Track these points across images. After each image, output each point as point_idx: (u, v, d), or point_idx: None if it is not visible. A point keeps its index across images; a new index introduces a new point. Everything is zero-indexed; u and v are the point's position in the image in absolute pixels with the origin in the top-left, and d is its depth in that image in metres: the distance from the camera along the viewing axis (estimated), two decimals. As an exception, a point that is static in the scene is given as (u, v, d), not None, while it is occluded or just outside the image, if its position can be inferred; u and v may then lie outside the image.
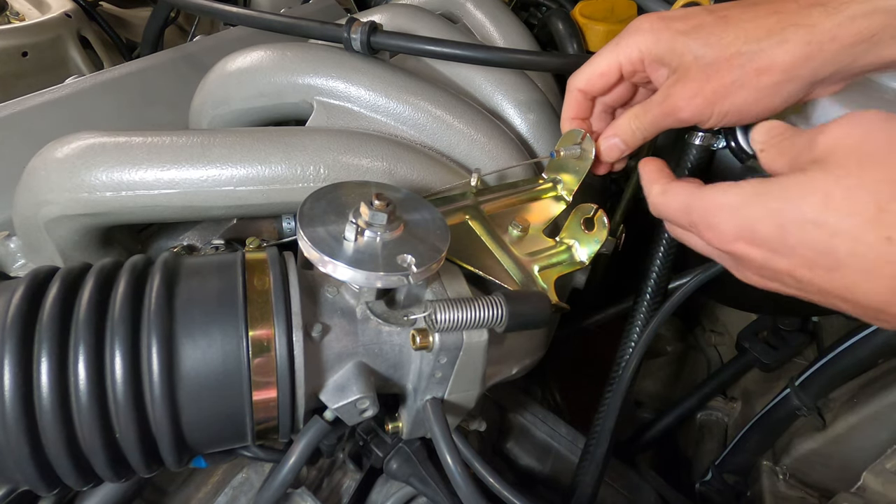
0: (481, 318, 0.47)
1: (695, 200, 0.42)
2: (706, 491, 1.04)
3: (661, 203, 0.47)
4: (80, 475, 0.43)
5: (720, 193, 0.40)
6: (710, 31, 0.48)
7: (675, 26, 0.50)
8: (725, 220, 0.39)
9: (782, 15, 0.45)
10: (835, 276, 0.34)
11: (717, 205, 0.40)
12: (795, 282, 0.38)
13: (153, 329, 0.43)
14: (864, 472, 0.80)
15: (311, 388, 0.49)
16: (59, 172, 0.58)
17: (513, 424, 0.87)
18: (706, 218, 0.41)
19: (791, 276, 0.37)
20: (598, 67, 0.56)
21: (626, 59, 0.54)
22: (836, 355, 0.85)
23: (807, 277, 0.36)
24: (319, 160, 0.61)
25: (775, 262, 0.37)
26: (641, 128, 0.55)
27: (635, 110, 0.56)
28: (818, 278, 0.35)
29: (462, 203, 0.63)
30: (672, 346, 1.42)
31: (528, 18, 1.15)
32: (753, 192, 0.37)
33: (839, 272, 0.34)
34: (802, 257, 0.35)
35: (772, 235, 0.36)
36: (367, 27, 0.68)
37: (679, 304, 0.75)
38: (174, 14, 1.47)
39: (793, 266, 0.36)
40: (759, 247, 0.37)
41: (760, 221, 0.37)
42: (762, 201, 0.37)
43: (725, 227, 0.39)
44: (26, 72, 1.29)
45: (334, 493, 0.67)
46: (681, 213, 0.44)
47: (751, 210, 0.37)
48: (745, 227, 0.38)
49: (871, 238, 0.32)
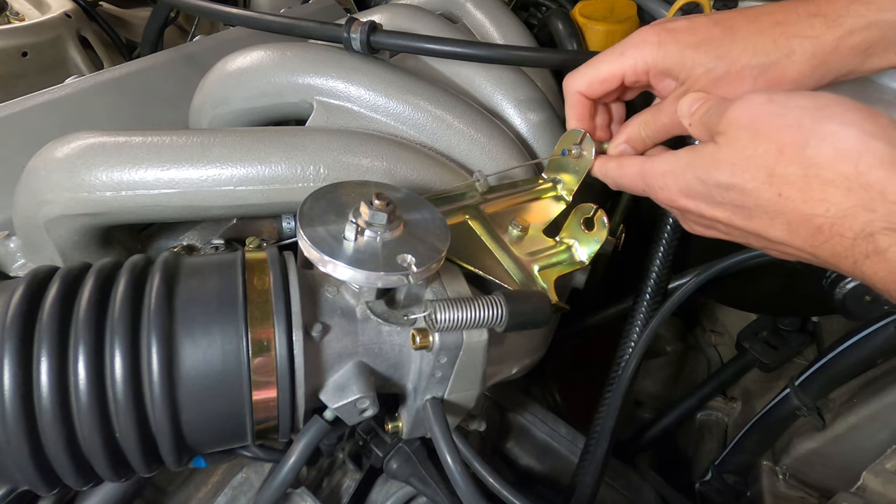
0: (481, 317, 0.47)
1: (646, 169, 0.52)
2: (706, 491, 1.04)
3: (619, 175, 0.56)
4: (80, 475, 0.43)
5: (664, 162, 0.50)
6: (718, 43, 0.51)
7: (683, 39, 0.52)
8: (671, 182, 0.49)
9: (786, 26, 0.49)
10: (749, 223, 0.45)
11: (663, 171, 0.50)
12: (725, 227, 0.48)
13: (153, 329, 0.43)
14: (864, 471, 0.80)
15: (311, 387, 0.49)
16: (59, 172, 0.58)
17: (513, 424, 0.87)
18: (657, 181, 0.50)
19: (721, 222, 0.47)
20: (600, 73, 0.57)
21: (631, 69, 0.55)
22: (836, 355, 0.85)
23: (732, 222, 0.46)
24: (319, 160, 0.61)
25: (709, 213, 0.47)
26: (651, 135, 0.57)
27: (645, 117, 0.57)
28: (741, 223, 0.45)
29: (462, 203, 0.63)
30: (672, 346, 1.42)
31: (528, 18, 1.15)
32: (686, 162, 0.47)
33: (753, 219, 0.44)
34: (726, 209, 0.46)
35: (703, 194, 0.47)
36: (366, 27, 0.68)
37: (679, 304, 0.75)
38: (174, 14, 1.47)
39: (721, 215, 0.46)
40: (697, 201, 0.48)
41: (693, 184, 0.47)
42: (692, 170, 0.47)
43: (672, 188, 0.49)
44: (26, 72, 1.29)
45: (334, 492, 0.67)
46: (637, 180, 0.53)
47: (686, 175, 0.47)
48: (684, 187, 0.48)
49: (768, 195, 0.42)
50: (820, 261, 0.43)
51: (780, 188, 0.41)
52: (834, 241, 0.40)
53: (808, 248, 0.42)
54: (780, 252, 0.47)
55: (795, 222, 0.41)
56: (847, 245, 0.39)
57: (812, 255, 0.43)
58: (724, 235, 0.50)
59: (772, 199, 0.42)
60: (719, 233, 0.50)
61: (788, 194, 0.41)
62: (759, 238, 0.46)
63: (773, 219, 0.42)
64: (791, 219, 0.41)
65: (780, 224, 0.42)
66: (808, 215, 0.40)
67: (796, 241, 0.42)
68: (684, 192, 0.48)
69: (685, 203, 0.49)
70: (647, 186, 0.52)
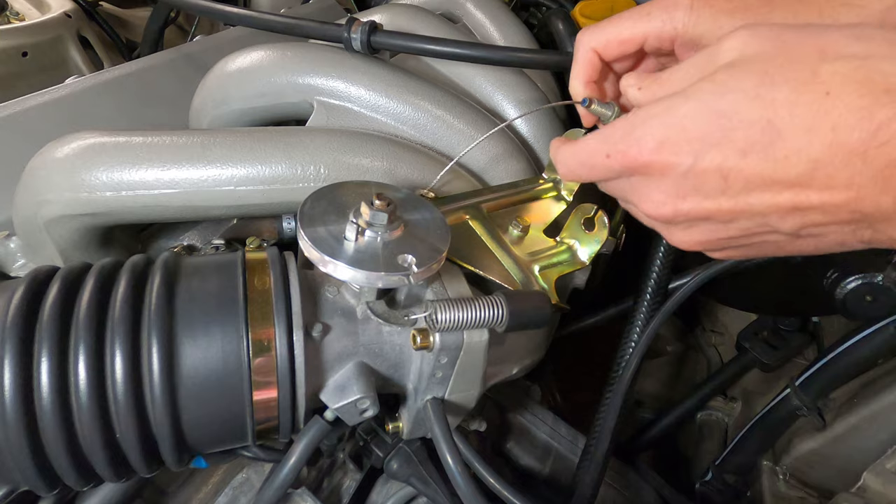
0: (482, 318, 0.47)
1: (610, 126, 0.40)
2: (706, 491, 1.04)
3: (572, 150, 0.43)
4: (80, 475, 0.43)
5: (639, 110, 0.38)
6: (756, 11, 0.44)
7: (718, 4, 0.45)
8: (653, 127, 0.37)
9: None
10: (768, 153, 0.33)
11: (641, 117, 0.38)
12: (720, 180, 0.35)
13: (153, 329, 0.43)
14: (864, 472, 0.80)
15: (312, 387, 0.49)
16: (60, 172, 0.58)
17: (513, 424, 0.87)
18: (627, 134, 0.38)
19: (718, 171, 0.35)
20: (622, 33, 0.48)
21: (656, 33, 0.47)
22: (836, 355, 0.85)
23: (735, 166, 0.34)
24: (320, 160, 0.61)
25: (703, 160, 0.35)
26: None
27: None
28: (749, 163, 0.34)
29: (462, 203, 0.63)
30: (672, 346, 1.42)
31: (528, 18, 1.15)
32: (678, 96, 0.36)
33: (776, 144, 0.33)
34: (737, 140, 0.34)
35: (706, 125, 0.35)
36: (367, 27, 0.68)
37: (679, 304, 0.75)
38: (174, 14, 1.47)
39: (723, 156, 0.34)
40: (689, 143, 0.35)
41: (693, 115, 0.35)
42: (693, 97, 0.35)
43: (652, 134, 0.37)
44: (26, 72, 1.29)
45: (334, 493, 0.67)
46: (597, 147, 0.40)
47: (683, 108, 0.35)
48: (674, 127, 0.36)
49: (810, 97, 0.32)
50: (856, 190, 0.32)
51: (828, 85, 0.31)
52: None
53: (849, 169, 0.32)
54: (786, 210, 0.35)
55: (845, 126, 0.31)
56: None
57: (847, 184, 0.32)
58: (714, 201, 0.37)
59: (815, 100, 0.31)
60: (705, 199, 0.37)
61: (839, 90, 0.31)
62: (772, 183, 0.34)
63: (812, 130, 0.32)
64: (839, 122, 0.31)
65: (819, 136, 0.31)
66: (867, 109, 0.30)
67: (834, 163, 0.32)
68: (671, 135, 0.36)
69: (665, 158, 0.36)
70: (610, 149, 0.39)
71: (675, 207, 0.39)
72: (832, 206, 0.34)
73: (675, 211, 0.39)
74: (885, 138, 0.30)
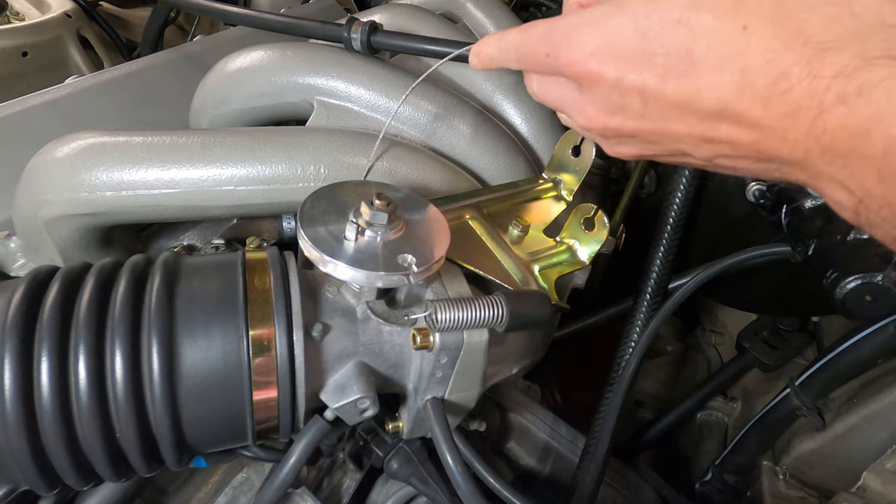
0: (482, 317, 0.47)
1: (556, 22, 0.40)
2: (706, 491, 1.04)
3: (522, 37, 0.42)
4: (80, 475, 0.43)
5: (583, 11, 0.38)
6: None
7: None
8: (587, 34, 0.37)
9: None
10: (682, 83, 0.33)
11: (581, 21, 0.38)
12: (641, 103, 0.36)
13: (154, 329, 0.43)
14: (864, 472, 0.80)
15: (312, 387, 0.49)
16: (60, 172, 0.58)
17: (513, 424, 0.87)
18: (566, 35, 0.38)
19: (639, 93, 0.36)
20: None
21: None
22: (836, 355, 0.85)
23: (655, 92, 0.35)
24: (320, 160, 0.61)
25: (626, 79, 0.36)
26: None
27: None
28: (667, 89, 0.34)
29: (462, 203, 0.63)
30: (672, 346, 1.42)
31: (528, 18, 1.15)
32: (616, 5, 0.36)
33: (690, 76, 0.33)
34: (657, 66, 0.34)
35: (631, 43, 0.35)
36: (367, 27, 0.68)
37: (679, 304, 0.75)
38: (174, 14, 1.47)
39: (644, 79, 0.35)
40: (614, 60, 0.36)
41: (621, 30, 0.35)
42: (625, 10, 0.35)
43: (585, 42, 0.37)
44: (26, 72, 1.29)
45: (334, 492, 0.67)
46: (542, 40, 0.40)
47: (614, 20, 0.36)
48: (605, 39, 0.36)
49: (728, 28, 0.32)
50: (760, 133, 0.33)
51: (747, 19, 0.31)
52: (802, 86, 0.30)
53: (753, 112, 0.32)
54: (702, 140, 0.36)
55: (754, 68, 0.31)
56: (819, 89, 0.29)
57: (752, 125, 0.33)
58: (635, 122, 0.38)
59: (732, 34, 0.31)
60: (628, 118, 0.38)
61: (756, 27, 0.31)
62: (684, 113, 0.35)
63: (723, 68, 0.32)
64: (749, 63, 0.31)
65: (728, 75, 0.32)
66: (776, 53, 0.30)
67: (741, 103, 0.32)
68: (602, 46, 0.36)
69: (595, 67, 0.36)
70: (550, 48, 0.39)
71: (603, 123, 0.40)
72: (739, 144, 0.34)
73: (605, 126, 0.40)
74: (785, 87, 0.30)
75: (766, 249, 0.77)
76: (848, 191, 0.31)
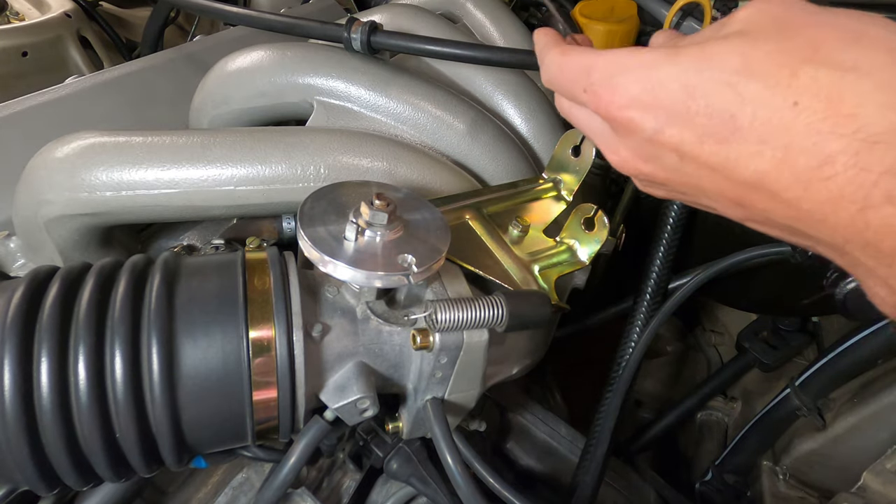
0: (482, 317, 0.47)
1: (600, 59, 0.38)
2: (706, 491, 1.04)
3: (560, 63, 0.41)
4: (80, 475, 0.43)
5: (630, 54, 0.37)
6: None
7: None
8: (631, 80, 0.36)
9: None
10: (721, 148, 0.32)
11: (626, 64, 0.36)
12: (676, 158, 0.35)
13: (153, 329, 0.43)
14: (864, 472, 0.80)
15: (312, 387, 0.49)
16: (59, 172, 0.58)
17: (513, 424, 0.87)
18: (609, 76, 0.37)
19: (675, 149, 0.35)
20: None
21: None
22: (836, 355, 0.85)
23: (691, 151, 0.34)
24: (320, 160, 0.61)
25: (665, 132, 0.35)
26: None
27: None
28: (703, 153, 0.33)
29: (462, 203, 0.63)
30: (672, 346, 1.42)
31: (528, 18, 1.15)
32: (667, 55, 0.34)
33: (730, 142, 0.32)
34: (697, 125, 0.33)
35: (675, 97, 0.33)
36: (367, 27, 0.68)
37: (679, 304, 0.75)
38: (174, 14, 1.47)
39: (682, 137, 0.34)
40: (655, 110, 0.35)
41: (667, 82, 0.34)
42: (676, 61, 0.34)
43: (628, 87, 0.36)
44: (26, 72, 1.29)
45: (334, 493, 0.67)
46: (581, 74, 0.39)
47: (661, 70, 0.34)
48: (649, 88, 0.35)
49: (779, 101, 0.30)
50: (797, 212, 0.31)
51: (799, 95, 0.29)
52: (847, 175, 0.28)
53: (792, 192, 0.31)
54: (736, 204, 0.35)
55: (798, 147, 0.29)
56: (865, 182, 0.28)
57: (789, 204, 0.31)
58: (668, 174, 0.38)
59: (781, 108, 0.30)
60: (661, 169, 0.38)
61: (807, 104, 0.29)
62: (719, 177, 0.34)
63: (766, 141, 0.31)
64: (794, 141, 0.29)
65: (770, 149, 0.30)
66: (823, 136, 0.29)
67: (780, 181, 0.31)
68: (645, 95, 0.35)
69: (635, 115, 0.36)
70: (588, 85, 0.38)
71: (636, 167, 0.40)
72: (774, 217, 0.33)
73: (637, 170, 0.40)
74: (829, 173, 0.29)
75: (766, 249, 0.77)
76: (889, 288, 0.30)
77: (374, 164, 0.62)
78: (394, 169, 0.63)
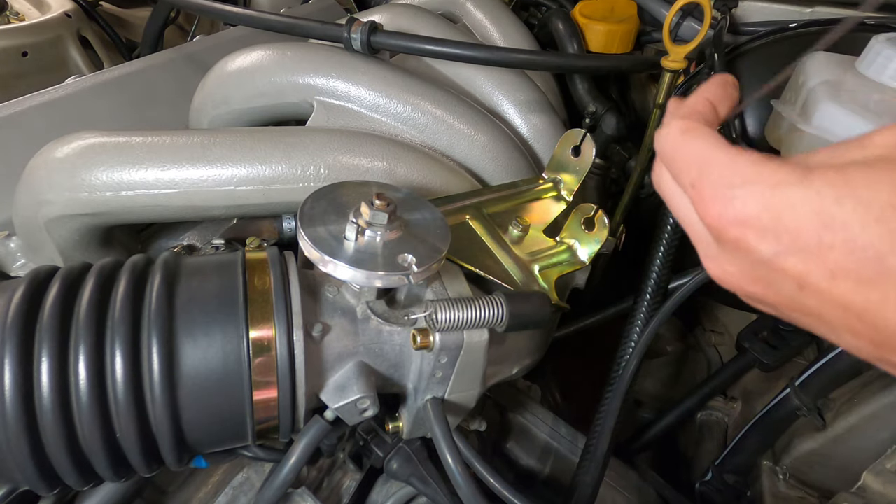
0: (482, 317, 0.47)
1: (720, 156, 0.31)
2: (706, 491, 1.04)
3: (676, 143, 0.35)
4: (80, 475, 0.43)
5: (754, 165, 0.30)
6: None
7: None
8: (753, 195, 0.29)
9: None
10: (862, 290, 0.27)
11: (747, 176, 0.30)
12: (796, 288, 0.30)
13: (154, 329, 0.43)
14: (864, 472, 0.80)
15: (312, 387, 0.49)
16: (60, 172, 0.58)
17: (513, 424, 0.87)
18: (725, 185, 0.31)
19: (798, 280, 0.29)
20: None
21: None
22: (837, 355, 0.85)
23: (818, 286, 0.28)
24: (320, 160, 0.61)
25: (786, 260, 0.29)
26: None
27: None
28: (835, 290, 0.28)
29: (462, 203, 0.63)
30: (672, 346, 1.42)
31: (528, 18, 1.15)
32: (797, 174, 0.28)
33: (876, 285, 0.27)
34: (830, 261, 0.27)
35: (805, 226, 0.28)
36: (367, 27, 0.68)
37: (679, 304, 0.75)
38: (174, 14, 1.47)
39: (808, 270, 0.28)
40: (776, 236, 0.29)
41: (798, 206, 0.28)
42: (809, 184, 0.28)
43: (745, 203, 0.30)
44: (26, 72, 1.29)
45: (334, 493, 0.67)
46: (693, 165, 0.33)
47: (790, 191, 0.28)
48: (772, 208, 0.29)
49: None
50: None
51: None
52: None
53: None
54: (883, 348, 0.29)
55: None
56: None
57: None
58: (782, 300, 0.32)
59: None
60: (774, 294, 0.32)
61: None
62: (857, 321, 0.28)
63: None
64: None
65: None
66: None
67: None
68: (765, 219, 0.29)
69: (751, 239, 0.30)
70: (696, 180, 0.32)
71: (740, 286, 0.35)
72: None
73: (741, 289, 0.35)
74: None
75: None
76: None
77: (374, 164, 0.62)
78: (394, 169, 0.63)
